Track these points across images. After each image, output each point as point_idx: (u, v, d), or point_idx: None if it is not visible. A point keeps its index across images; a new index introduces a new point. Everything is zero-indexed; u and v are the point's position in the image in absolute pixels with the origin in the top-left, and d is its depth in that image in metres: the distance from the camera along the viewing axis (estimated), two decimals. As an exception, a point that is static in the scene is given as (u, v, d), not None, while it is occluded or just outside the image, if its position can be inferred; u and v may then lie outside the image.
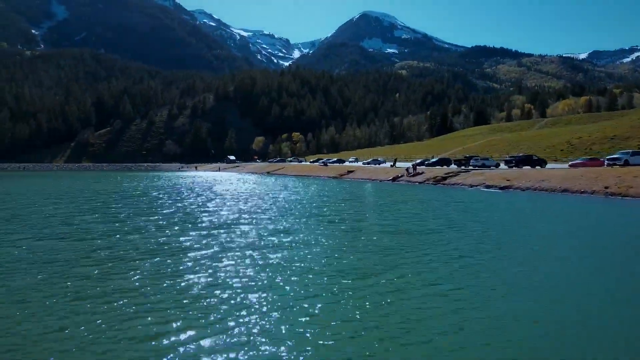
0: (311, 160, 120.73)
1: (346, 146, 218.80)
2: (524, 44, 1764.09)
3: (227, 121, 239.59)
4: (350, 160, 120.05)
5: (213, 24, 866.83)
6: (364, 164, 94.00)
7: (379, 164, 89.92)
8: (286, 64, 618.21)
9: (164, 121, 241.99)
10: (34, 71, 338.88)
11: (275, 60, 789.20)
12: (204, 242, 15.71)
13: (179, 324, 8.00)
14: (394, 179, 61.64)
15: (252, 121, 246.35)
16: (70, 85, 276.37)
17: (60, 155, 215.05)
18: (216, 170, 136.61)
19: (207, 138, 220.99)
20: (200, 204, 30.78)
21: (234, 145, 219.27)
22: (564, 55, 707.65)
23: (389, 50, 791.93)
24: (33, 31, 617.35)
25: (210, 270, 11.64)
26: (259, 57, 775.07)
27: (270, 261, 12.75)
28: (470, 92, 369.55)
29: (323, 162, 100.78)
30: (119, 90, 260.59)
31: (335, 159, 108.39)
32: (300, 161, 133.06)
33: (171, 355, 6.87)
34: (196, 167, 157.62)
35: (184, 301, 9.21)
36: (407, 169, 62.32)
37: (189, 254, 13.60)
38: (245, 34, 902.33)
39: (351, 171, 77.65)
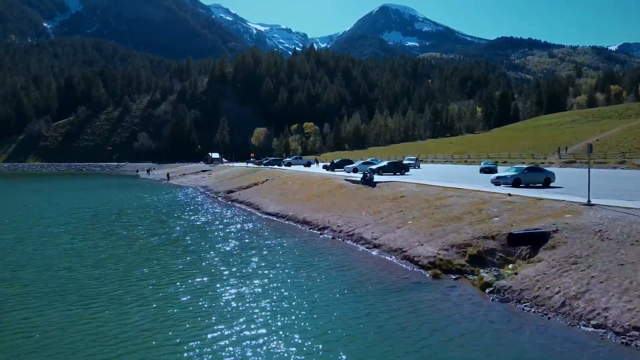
0: (331, 161, 55.20)
1: (375, 140, 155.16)
2: (549, 36, 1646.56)
3: (222, 109, 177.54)
4: (407, 160, 57.57)
5: (229, 19, 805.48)
6: (505, 181, 26.79)
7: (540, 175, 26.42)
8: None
9: (142, 109, 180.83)
10: (25, 60, 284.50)
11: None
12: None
13: None
14: None
15: (254, 109, 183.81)
16: (41, 70, 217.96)
17: (2, 150, 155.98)
18: (164, 179, 75.27)
19: (191, 129, 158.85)
20: None
21: (226, 139, 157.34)
22: (596, 46, 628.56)
23: (410, 44, 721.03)
24: (45, 24, 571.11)
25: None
26: (275, 51, 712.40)
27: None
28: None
29: (363, 174, 32.70)
30: (94, 73, 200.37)
31: (386, 163, 44.36)
32: (309, 164, 69.18)
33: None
34: (148, 171, 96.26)
35: None
36: None
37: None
38: (262, 28, 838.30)
39: None
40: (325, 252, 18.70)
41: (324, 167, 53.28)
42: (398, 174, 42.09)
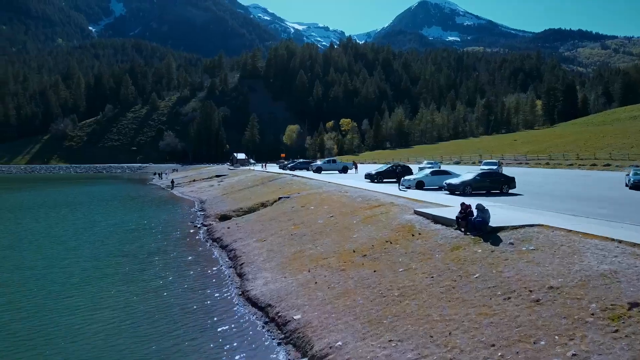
0: (393, 167, 35.82)
1: (421, 137, 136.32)
2: (600, 27, 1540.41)
3: (253, 105, 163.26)
4: (485, 164, 38.70)
5: (267, 18, 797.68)
6: None
7: None
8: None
9: (169, 107, 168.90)
10: (66, 61, 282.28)
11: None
12: None
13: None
14: None
15: (288, 105, 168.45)
16: (72, 67, 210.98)
17: (26, 151, 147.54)
18: (169, 187, 60.61)
19: (220, 128, 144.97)
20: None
21: (256, 138, 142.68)
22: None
23: (450, 38, 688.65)
24: (90, 28, 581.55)
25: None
26: (310, 43, 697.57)
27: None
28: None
29: (464, 210, 16.46)
30: (123, 70, 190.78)
31: (471, 175, 26.59)
32: (346, 169, 51.90)
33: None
34: (160, 175, 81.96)
35: None
36: None
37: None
38: (299, 27, 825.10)
39: None
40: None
41: (368, 176, 34.77)
42: (495, 190, 24.70)
